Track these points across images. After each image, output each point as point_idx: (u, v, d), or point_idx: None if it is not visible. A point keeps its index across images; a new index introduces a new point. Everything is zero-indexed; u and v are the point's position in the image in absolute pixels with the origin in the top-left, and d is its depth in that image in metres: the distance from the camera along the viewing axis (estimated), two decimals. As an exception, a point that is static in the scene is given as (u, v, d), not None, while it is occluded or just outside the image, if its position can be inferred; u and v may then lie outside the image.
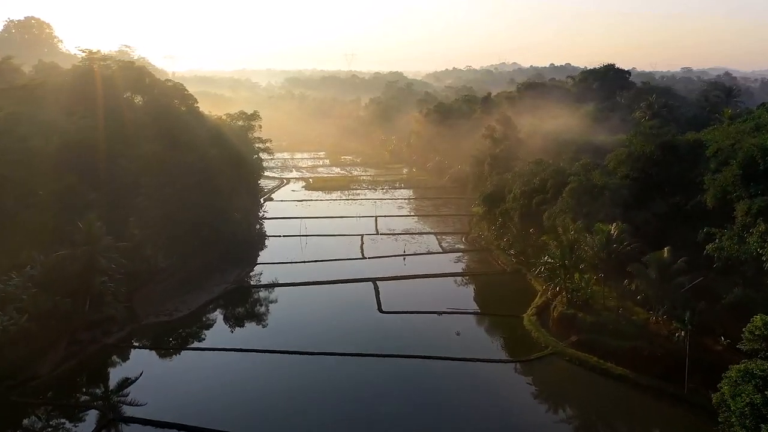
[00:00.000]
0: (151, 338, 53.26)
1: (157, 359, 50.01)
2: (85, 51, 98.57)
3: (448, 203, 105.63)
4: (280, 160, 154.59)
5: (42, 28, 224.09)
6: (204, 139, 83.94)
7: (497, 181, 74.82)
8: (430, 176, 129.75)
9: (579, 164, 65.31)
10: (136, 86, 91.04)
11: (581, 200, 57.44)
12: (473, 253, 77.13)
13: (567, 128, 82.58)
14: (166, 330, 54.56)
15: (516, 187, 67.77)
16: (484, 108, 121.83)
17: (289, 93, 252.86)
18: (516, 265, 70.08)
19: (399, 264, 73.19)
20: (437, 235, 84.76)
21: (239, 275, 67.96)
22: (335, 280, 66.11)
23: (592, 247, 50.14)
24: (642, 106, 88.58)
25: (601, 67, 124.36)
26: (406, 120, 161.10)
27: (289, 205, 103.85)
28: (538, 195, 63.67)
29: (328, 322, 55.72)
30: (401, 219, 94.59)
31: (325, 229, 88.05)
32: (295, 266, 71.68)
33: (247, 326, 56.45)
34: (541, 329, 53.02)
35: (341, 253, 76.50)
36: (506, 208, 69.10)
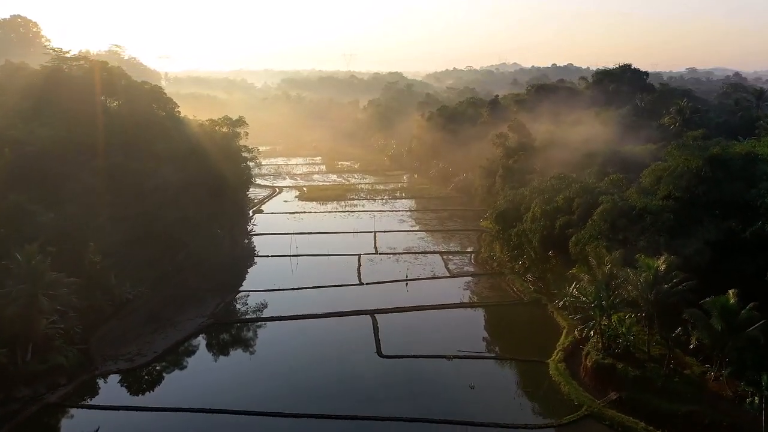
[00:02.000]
0: (104, 393, 44.44)
1: (108, 420, 41.19)
2: (55, 50, 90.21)
3: (453, 216, 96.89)
4: (273, 166, 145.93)
5: (29, 27, 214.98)
6: (183, 147, 75.28)
7: (512, 197, 66.14)
8: (432, 184, 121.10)
9: (608, 180, 56.71)
10: (110, 89, 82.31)
11: (616, 225, 48.80)
12: (484, 277, 68.42)
13: (588, 136, 73.95)
14: (125, 379, 45.85)
15: (535, 205, 59.09)
16: (491, 111, 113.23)
17: (284, 94, 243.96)
18: (534, 293, 61.44)
19: (401, 291, 64.55)
20: (443, 255, 76.04)
21: (218, 306, 59.15)
22: (328, 313, 57.41)
23: (636, 287, 41.41)
24: (672, 112, 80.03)
25: (616, 67, 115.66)
26: (407, 123, 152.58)
27: (280, 219, 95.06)
28: (563, 216, 55.00)
29: (317, 371, 46.99)
30: (403, 234, 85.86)
31: (319, 246, 79.32)
32: (284, 294, 62.95)
33: (220, 375, 47.49)
34: (571, 381, 44.30)
35: (336, 277, 67.76)
36: (524, 229, 60.42)
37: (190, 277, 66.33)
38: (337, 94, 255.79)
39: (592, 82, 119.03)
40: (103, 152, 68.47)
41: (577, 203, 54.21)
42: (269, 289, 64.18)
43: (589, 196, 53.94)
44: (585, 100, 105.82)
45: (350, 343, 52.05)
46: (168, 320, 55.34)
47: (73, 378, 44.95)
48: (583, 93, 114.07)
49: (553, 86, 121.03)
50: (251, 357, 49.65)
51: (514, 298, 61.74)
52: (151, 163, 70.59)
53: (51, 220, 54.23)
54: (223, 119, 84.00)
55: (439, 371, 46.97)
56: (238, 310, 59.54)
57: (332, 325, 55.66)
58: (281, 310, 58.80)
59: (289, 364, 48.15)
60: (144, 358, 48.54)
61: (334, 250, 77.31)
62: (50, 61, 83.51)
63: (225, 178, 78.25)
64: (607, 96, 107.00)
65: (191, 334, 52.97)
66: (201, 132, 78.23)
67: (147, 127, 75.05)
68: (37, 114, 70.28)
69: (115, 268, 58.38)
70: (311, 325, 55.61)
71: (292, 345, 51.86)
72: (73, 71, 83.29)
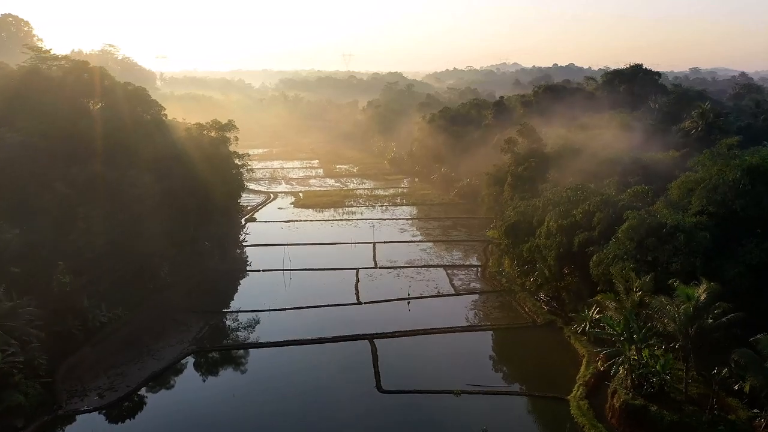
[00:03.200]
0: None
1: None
2: (34, 49, 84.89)
3: (457, 224, 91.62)
4: (268, 170, 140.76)
5: (20, 26, 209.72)
6: (167, 153, 70.03)
7: (523, 208, 60.89)
8: (434, 190, 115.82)
9: (631, 192, 51.44)
10: (91, 90, 77.00)
11: (644, 244, 43.53)
12: (492, 295, 63.11)
13: (604, 142, 68.66)
14: (91, 420, 40.56)
15: (550, 219, 53.82)
16: (496, 113, 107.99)
17: (282, 95, 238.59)
18: (547, 314, 56.24)
19: (402, 310, 59.36)
20: (447, 269, 70.76)
21: (202, 330, 53.83)
22: (322, 338, 52.13)
23: (674, 319, 36.14)
24: (693, 115, 74.80)
25: (627, 67, 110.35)
26: (407, 125, 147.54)
27: (274, 228, 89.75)
28: (582, 232, 49.74)
29: (308, 412, 41.72)
30: (404, 246, 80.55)
31: (314, 259, 74.10)
32: (275, 316, 57.69)
33: (199, 414, 42.11)
34: (597, 424, 39.03)
35: (332, 295, 62.49)
36: (537, 244, 55.17)
37: (173, 295, 61.03)
38: (336, 95, 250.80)
39: (601, 83, 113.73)
40: (82, 159, 63.44)
41: (598, 218, 48.95)
42: (259, 309, 58.87)
43: (612, 210, 48.68)
44: (595, 101, 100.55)
45: (347, 375, 46.81)
46: (146, 347, 50.04)
47: (32, 420, 39.68)
48: (592, 94, 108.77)
49: (560, 87, 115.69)
50: (234, 394, 44.17)
51: (526, 319, 56.50)
52: (132, 171, 65.43)
53: (16, 237, 49.09)
54: (212, 123, 78.65)
55: (447, 410, 41.70)
56: (223, 335, 54.19)
57: (327, 353, 50.36)
58: (271, 333, 53.57)
59: (276, 405, 42.72)
60: (115, 394, 43.25)
61: (330, 264, 72.06)
62: (28, 61, 78.23)
63: (213, 186, 73.01)
64: (619, 97, 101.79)
65: (170, 364, 47.61)
66: (187, 137, 72.85)
67: (129, 132, 69.78)
68: (10, 118, 65.05)
69: (89, 288, 53.23)
70: (304, 353, 50.33)
71: (281, 379, 46.41)
72: (52, 72, 78.03)
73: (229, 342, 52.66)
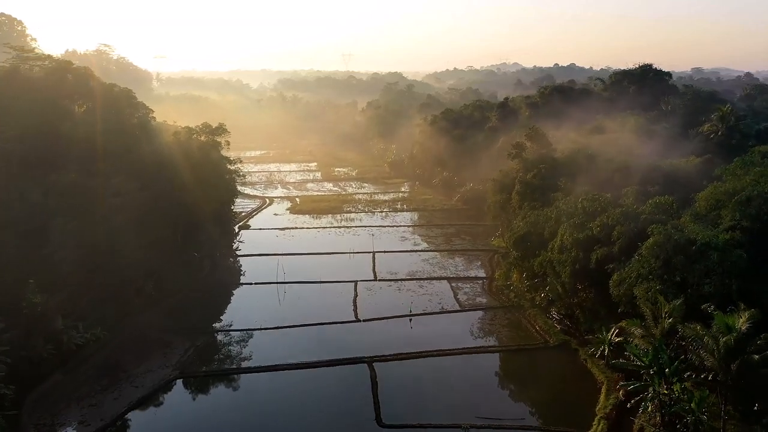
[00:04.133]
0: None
1: None
2: (16, 48, 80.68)
3: (461, 232, 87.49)
4: (264, 174, 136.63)
5: (13, 26, 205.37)
6: (153, 159, 65.96)
7: (533, 219, 56.78)
8: (436, 194, 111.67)
9: (653, 204, 47.28)
10: (74, 92, 72.97)
11: (672, 263, 39.40)
12: (500, 311, 58.96)
13: (618, 147, 64.60)
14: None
15: (564, 230, 49.70)
16: (500, 115, 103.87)
17: (280, 96, 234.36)
18: (561, 334, 52.13)
19: (403, 328, 55.30)
20: (451, 282, 66.63)
21: (187, 352, 49.60)
22: (317, 362, 47.97)
23: (713, 353, 32.01)
24: (713, 118, 70.68)
25: (636, 67, 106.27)
26: (408, 127, 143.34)
27: (269, 236, 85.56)
28: (600, 247, 45.61)
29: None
30: (405, 256, 76.38)
31: (310, 271, 69.90)
32: (267, 335, 53.56)
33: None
34: (622, 466, 35.00)
35: (328, 311, 58.34)
36: (549, 259, 51.04)
37: (158, 312, 56.91)
38: (335, 95, 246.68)
39: (610, 84, 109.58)
40: (61, 165, 59.47)
41: (618, 232, 44.81)
42: (250, 328, 54.73)
43: (633, 223, 44.54)
44: (605, 103, 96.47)
45: (343, 405, 42.70)
46: (124, 373, 45.88)
47: (-8, 461, 35.65)
48: (601, 95, 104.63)
49: (568, 88, 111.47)
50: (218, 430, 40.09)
51: (537, 339, 52.35)
52: (115, 178, 61.42)
53: (-18, 253, 45.03)
54: (202, 127, 74.48)
55: (455, 447, 37.63)
56: (210, 358, 50.00)
57: (322, 379, 46.25)
58: (262, 356, 49.46)
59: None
60: (86, 429, 39.14)
61: (327, 276, 67.89)
62: (8, 61, 74.06)
63: (203, 194, 68.91)
64: (628, 99, 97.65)
65: (150, 392, 43.41)
66: (174, 141, 68.69)
67: (114, 137, 65.73)
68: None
69: (64, 307, 49.09)
70: (297, 379, 46.18)
71: (271, 411, 42.31)
72: (34, 72, 73.94)
73: (215, 367, 48.44)
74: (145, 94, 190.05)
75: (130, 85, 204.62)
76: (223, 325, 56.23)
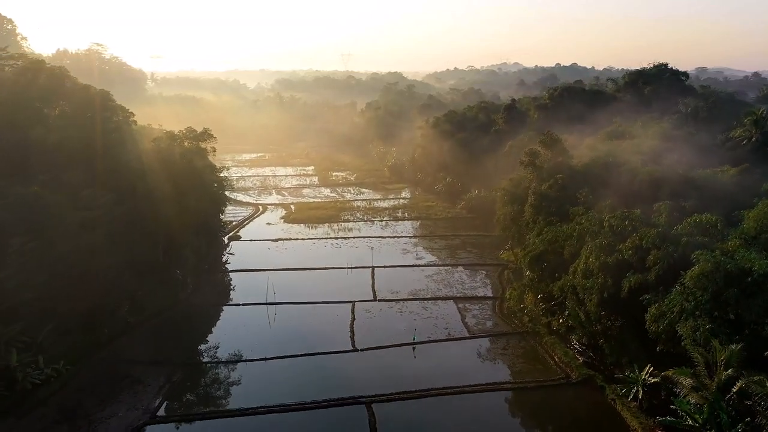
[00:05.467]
0: None
1: None
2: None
3: (466, 243, 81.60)
4: (259, 178, 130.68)
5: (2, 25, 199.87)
6: (132, 168, 60.07)
7: (551, 236, 50.87)
8: (439, 201, 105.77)
9: (693, 223, 41.38)
10: (49, 94, 67.01)
11: (723, 297, 33.53)
12: (514, 338, 53.09)
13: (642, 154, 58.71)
14: None
15: (589, 252, 43.81)
16: (507, 118, 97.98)
17: (277, 96, 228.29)
18: (584, 367, 46.26)
19: (406, 359, 49.48)
20: (458, 303, 60.77)
21: (161, 391, 43.67)
22: (308, 403, 42.08)
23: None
24: (745, 123, 64.82)
25: (651, 67, 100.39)
26: (409, 129, 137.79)
27: (260, 248, 79.64)
28: (633, 275, 39.70)
29: None
30: (407, 271, 70.51)
31: (304, 289, 64.10)
32: (253, 368, 47.69)
33: None
34: None
35: (323, 338, 52.55)
36: (572, 284, 45.13)
37: (132, 341, 51.03)
38: (334, 96, 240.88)
39: (622, 84, 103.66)
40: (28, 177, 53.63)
41: (655, 257, 38.92)
42: (234, 359, 48.88)
43: (672, 248, 38.65)
44: (619, 105, 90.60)
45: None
46: (85, 418, 39.94)
47: None
48: (614, 96, 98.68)
49: (579, 88, 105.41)
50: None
51: (557, 374, 46.45)
52: (87, 190, 55.48)
53: None
54: (186, 131, 68.50)
55: None
56: (187, 398, 44.02)
57: (314, 423, 40.40)
58: (247, 394, 43.61)
59: None
60: (35, 493, 33.32)
61: (321, 295, 62.04)
62: (-24, 61, 68.23)
63: (186, 205, 62.98)
64: (644, 100, 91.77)
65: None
66: (153, 148, 62.72)
67: (86, 144, 59.94)
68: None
69: (21, 339, 43.22)
70: (285, 424, 40.34)
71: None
72: (4, 72, 68.11)
73: (192, 410, 42.45)
74: (137, 95, 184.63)
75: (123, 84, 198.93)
76: (204, 356, 50.25)
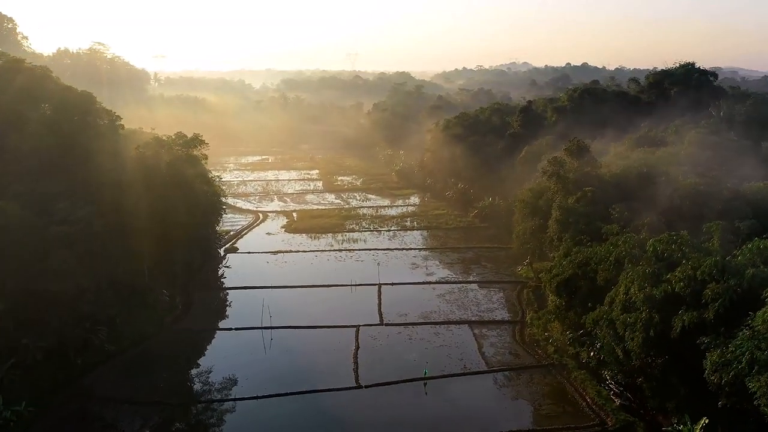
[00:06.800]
0: None
1: None
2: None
3: (480, 257, 75.60)
4: (261, 183, 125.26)
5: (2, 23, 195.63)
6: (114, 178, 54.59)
7: (581, 259, 44.86)
8: (450, 209, 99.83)
9: (756, 249, 35.30)
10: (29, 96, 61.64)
11: (806, 347, 27.52)
12: (537, 371, 47.11)
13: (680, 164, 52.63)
14: None
15: (629, 280, 37.85)
16: (523, 121, 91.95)
17: (281, 97, 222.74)
18: (620, 410, 40.32)
19: (417, 397, 43.80)
20: (473, 327, 54.90)
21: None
22: (304, 457, 36.46)
23: None
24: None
25: (677, 67, 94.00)
26: (417, 132, 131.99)
27: (258, 262, 73.98)
28: (687, 312, 33.69)
29: None
30: (417, 290, 64.66)
31: (303, 310, 58.50)
32: (244, 408, 42.02)
33: None
34: None
35: (322, 369, 46.99)
36: (609, 317, 39.15)
37: (109, 374, 45.52)
38: (340, 96, 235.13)
39: (646, 85, 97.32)
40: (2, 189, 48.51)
41: (713, 292, 32.93)
42: (222, 398, 43.22)
43: (735, 281, 32.63)
44: (644, 108, 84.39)
45: None
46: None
47: None
48: (639, 98, 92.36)
49: (600, 89, 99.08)
50: None
51: (590, 419, 40.47)
52: (63, 202, 50.07)
53: None
54: (175, 137, 62.86)
55: None
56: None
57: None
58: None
59: None
60: None
61: (323, 318, 56.41)
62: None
63: (175, 217, 57.39)
64: (670, 103, 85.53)
65: None
66: (137, 156, 57.12)
67: (64, 151, 54.66)
68: None
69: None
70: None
71: None
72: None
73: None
74: (137, 96, 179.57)
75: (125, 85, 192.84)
76: (189, 392, 44.62)
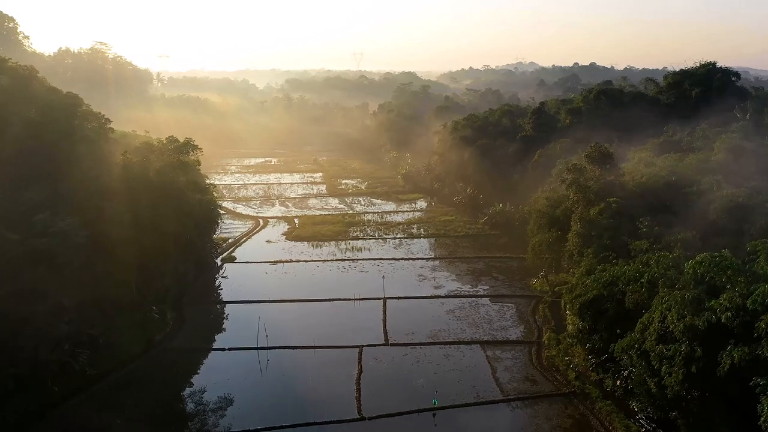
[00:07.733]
0: None
1: None
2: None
3: (491, 268, 71.41)
4: (263, 186, 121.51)
5: (3, 22, 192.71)
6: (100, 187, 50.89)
7: (607, 278, 40.67)
8: (458, 215, 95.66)
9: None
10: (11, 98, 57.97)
11: None
12: (558, 401, 42.92)
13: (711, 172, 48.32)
14: None
15: (666, 306, 33.64)
16: (535, 124, 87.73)
17: (286, 97, 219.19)
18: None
19: (423, 428, 39.75)
20: (486, 348, 50.74)
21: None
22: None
23: None
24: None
25: (698, 66, 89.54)
26: (424, 134, 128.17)
27: (256, 273, 70.07)
28: (736, 348, 29.46)
29: None
30: (424, 304, 60.65)
31: (302, 327, 54.50)
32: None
33: None
34: None
35: (322, 399, 42.92)
36: (642, 347, 34.95)
37: (90, 401, 41.61)
38: (345, 97, 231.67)
39: (665, 86, 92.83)
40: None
41: (767, 324, 28.66)
42: (212, 428, 39.26)
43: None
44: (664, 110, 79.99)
45: None
46: None
47: None
48: (658, 100, 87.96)
49: (616, 90, 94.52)
50: None
51: (619, 458, 36.40)
52: (43, 213, 46.31)
53: None
54: (165, 142, 59.03)
55: None
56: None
57: None
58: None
59: None
60: None
61: (323, 337, 52.32)
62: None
63: (164, 229, 53.62)
64: (693, 105, 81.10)
65: None
66: (123, 163, 53.34)
67: (49, 156, 50.94)
68: None
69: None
70: None
71: None
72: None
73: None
74: (138, 96, 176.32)
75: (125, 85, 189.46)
76: (176, 422, 40.69)
